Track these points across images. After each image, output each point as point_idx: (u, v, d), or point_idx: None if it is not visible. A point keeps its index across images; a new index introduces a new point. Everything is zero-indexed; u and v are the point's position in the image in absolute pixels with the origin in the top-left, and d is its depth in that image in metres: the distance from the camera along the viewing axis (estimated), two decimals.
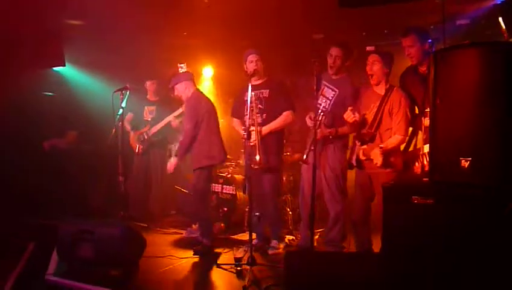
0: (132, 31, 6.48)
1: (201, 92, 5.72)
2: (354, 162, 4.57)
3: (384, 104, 4.46)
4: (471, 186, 2.85)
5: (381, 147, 4.32)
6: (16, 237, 5.12)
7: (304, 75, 6.60)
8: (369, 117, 4.55)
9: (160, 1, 5.49)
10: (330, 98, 4.95)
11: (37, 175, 6.04)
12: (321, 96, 4.95)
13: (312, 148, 4.50)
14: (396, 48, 5.49)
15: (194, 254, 5.16)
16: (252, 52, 5.29)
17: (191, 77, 5.59)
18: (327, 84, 4.99)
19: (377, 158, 4.33)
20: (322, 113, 4.70)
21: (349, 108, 4.48)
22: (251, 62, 5.24)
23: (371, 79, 4.57)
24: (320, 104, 4.87)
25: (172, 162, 5.56)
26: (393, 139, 4.41)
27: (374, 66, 4.52)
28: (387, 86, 4.52)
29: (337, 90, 4.94)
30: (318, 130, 4.56)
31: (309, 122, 4.85)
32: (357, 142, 4.61)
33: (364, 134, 4.56)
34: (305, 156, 4.57)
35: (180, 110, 6.52)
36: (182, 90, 5.52)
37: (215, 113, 5.56)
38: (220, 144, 5.47)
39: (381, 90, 4.54)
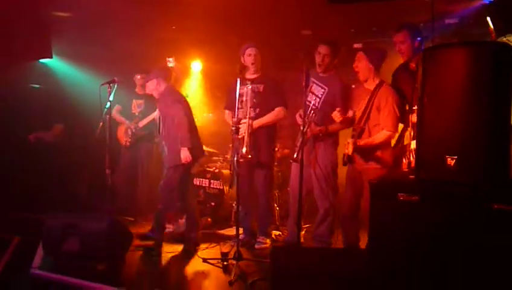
0: (121, 24, 6.45)
1: (175, 88, 5.71)
2: (345, 158, 4.60)
3: (373, 99, 4.49)
4: (456, 184, 2.87)
5: (354, 142, 4.36)
6: (1, 231, 5.08)
7: (292, 71, 6.61)
8: (358, 112, 4.60)
9: None
10: (320, 95, 4.98)
11: (22, 168, 5.99)
12: (310, 94, 4.97)
13: (301, 146, 4.51)
14: (384, 45, 5.52)
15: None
16: (250, 46, 5.29)
17: (163, 74, 5.54)
18: (316, 81, 5.01)
19: (348, 148, 4.36)
20: (312, 111, 4.73)
21: (337, 109, 4.51)
22: (249, 55, 5.25)
23: (358, 76, 4.61)
24: (310, 102, 4.91)
25: (186, 153, 5.43)
26: (381, 134, 4.45)
27: (360, 63, 4.56)
28: (377, 82, 4.55)
29: (326, 88, 4.96)
30: (308, 128, 4.58)
31: (299, 120, 4.87)
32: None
33: (353, 129, 4.59)
34: (295, 155, 4.58)
35: None
36: (152, 87, 5.47)
37: (190, 109, 5.56)
38: (196, 141, 5.44)
39: (371, 86, 4.57)
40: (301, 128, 4.53)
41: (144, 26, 6.60)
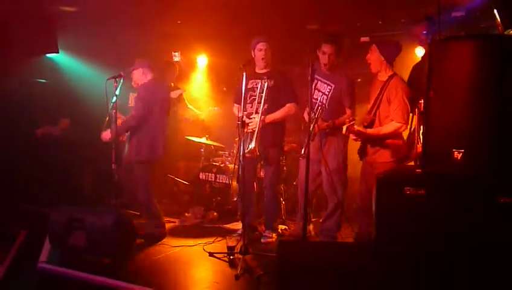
0: (126, 19, 6.44)
1: (160, 81, 5.73)
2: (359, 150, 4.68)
3: (384, 91, 4.53)
4: (463, 178, 2.86)
5: (351, 124, 4.40)
6: (7, 225, 5.12)
7: (298, 65, 6.60)
8: (369, 104, 4.65)
9: None
10: (327, 92, 5.00)
11: (29, 163, 6.02)
12: (316, 91, 4.96)
13: (308, 141, 4.49)
14: (390, 38, 5.49)
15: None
16: (261, 40, 5.25)
17: (149, 65, 5.54)
18: (322, 79, 5.03)
19: (343, 129, 4.43)
20: (319, 108, 4.75)
21: (347, 120, 4.51)
22: (260, 50, 5.22)
23: (370, 67, 4.67)
24: (317, 99, 4.92)
25: (107, 134, 5.34)
26: (389, 125, 4.47)
27: (372, 55, 4.62)
28: (390, 74, 4.58)
29: (333, 85, 4.99)
30: (316, 124, 4.59)
31: (307, 118, 4.87)
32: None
33: (363, 119, 4.64)
34: (302, 151, 4.57)
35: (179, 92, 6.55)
36: (138, 76, 5.48)
37: (168, 104, 5.59)
38: (163, 139, 5.45)
39: (383, 78, 4.60)
40: (309, 125, 4.52)
41: (150, 21, 6.59)
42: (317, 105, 4.81)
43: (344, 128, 4.41)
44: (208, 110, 7.75)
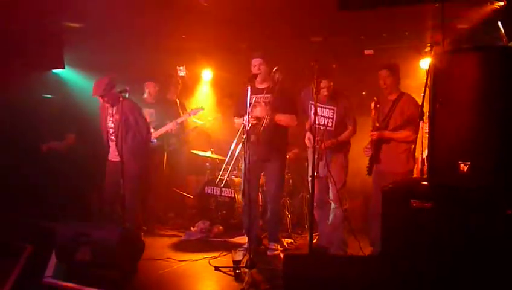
0: (132, 34, 6.49)
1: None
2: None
3: (395, 106, 4.95)
4: (469, 190, 2.85)
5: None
6: (14, 239, 5.12)
7: (301, 80, 6.63)
8: (381, 117, 5.02)
9: (159, 5, 5.49)
10: (331, 116, 5.19)
11: (35, 178, 6.03)
12: (318, 117, 5.06)
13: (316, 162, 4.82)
14: (394, 51, 5.52)
15: None
16: (255, 56, 5.31)
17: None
18: (322, 105, 5.17)
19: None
20: (324, 132, 5.01)
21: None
22: (254, 66, 5.27)
23: (385, 91, 5.07)
24: (322, 124, 5.16)
25: None
26: (403, 132, 4.86)
27: (387, 80, 5.00)
28: (399, 92, 5.01)
29: (335, 108, 5.18)
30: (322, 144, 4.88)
31: (308, 143, 5.20)
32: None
33: (375, 128, 4.99)
34: (315, 173, 4.62)
35: (183, 118, 6.61)
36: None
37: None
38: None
39: (393, 96, 5.05)
40: (312, 148, 4.91)
41: (155, 35, 6.64)
42: (322, 131, 5.00)
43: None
44: (211, 119, 7.68)
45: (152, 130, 6.27)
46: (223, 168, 6.72)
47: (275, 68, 5.20)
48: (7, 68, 6.10)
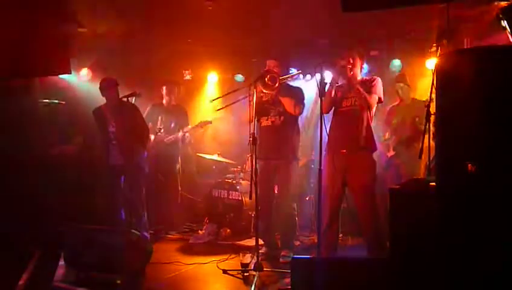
0: (138, 38, 6.51)
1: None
2: None
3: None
4: (478, 191, 2.83)
5: None
6: (22, 244, 5.13)
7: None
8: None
9: (165, 9, 5.51)
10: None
11: (44, 182, 6.05)
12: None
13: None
14: (399, 52, 5.51)
15: None
16: (269, 59, 5.38)
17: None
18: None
19: None
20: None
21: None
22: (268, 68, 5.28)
23: (400, 99, 5.95)
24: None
25: None
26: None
27: (404, 90, 5.91)
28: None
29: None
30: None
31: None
32: None
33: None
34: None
35: (191, 128, 6.65)
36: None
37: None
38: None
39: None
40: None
41: (161, 40, 6.66)
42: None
43: None
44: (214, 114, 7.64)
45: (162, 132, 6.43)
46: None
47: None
48: (15, 73, 6.13)
